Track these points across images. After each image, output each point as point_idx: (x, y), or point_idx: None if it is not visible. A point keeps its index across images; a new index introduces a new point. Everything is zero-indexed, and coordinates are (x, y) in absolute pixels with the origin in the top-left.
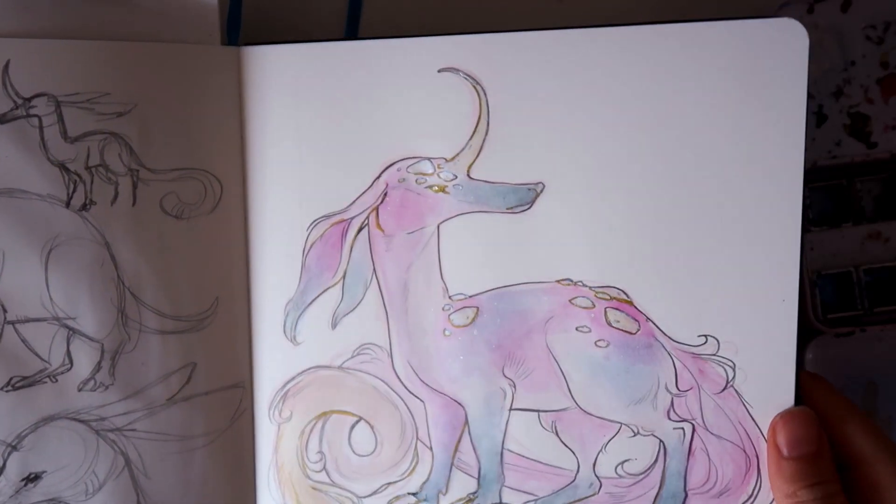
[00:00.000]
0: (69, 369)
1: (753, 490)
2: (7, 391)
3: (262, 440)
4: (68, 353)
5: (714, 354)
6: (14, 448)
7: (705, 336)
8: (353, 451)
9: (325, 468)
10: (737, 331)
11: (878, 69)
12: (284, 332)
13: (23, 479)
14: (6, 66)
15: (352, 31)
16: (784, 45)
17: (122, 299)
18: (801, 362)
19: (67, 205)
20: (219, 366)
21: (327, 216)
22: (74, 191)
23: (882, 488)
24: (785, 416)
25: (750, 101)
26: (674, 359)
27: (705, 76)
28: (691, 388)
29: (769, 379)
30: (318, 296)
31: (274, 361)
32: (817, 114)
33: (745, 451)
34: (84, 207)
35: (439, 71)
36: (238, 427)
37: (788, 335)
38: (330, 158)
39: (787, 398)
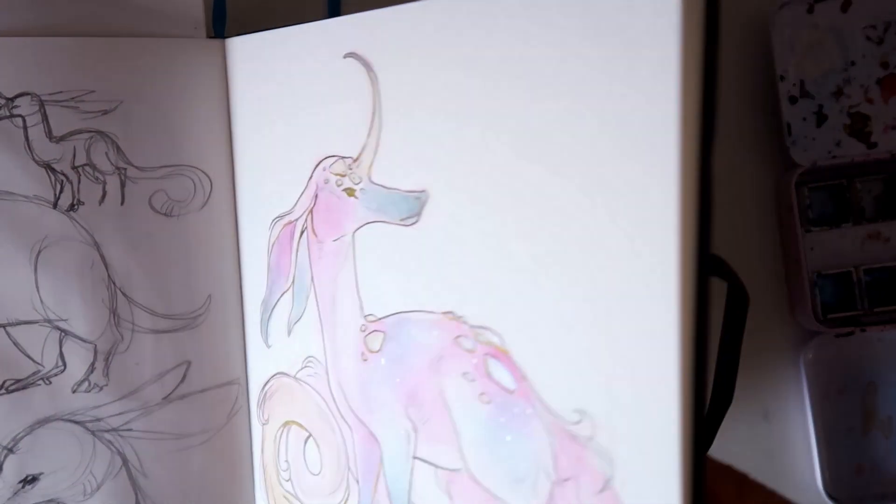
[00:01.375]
0: (63, 371)
1: None
2: (1, 394)
3: (257, 438)
4: (61, 354)
5: (591, 439)
6: (10, 451)
7: (580, 413)
8: (307, 468)
9: (290, 479)
10: (614, 413)
11: (878, 69)
12: (261, 332)
13: (20, 482)
14: None
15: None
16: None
17: (113, 299)
18: (701, 473)
19: (55, 206)
20: (213, 363)
21: (280, 216)
22: (62, 191)
23: None
24: None
25: (617, 86)
26: (550, 435)
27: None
28: (570, 479)
29: (652, 493)
30: (278, 299)
31: (259, 361)
32: (817, 114)
33: None
34: (72, 208)
35: (344, 56)
36: (234, 424)
37: (670, 440)
38: (280, 153)
39: None
